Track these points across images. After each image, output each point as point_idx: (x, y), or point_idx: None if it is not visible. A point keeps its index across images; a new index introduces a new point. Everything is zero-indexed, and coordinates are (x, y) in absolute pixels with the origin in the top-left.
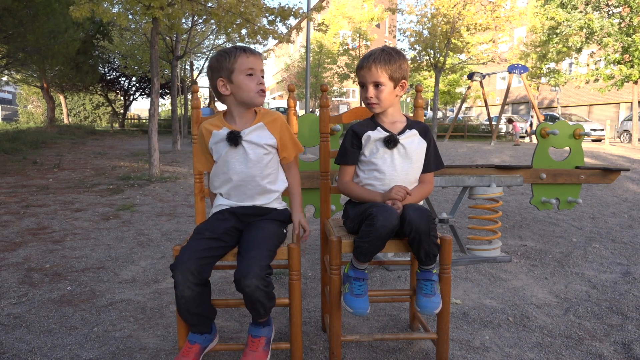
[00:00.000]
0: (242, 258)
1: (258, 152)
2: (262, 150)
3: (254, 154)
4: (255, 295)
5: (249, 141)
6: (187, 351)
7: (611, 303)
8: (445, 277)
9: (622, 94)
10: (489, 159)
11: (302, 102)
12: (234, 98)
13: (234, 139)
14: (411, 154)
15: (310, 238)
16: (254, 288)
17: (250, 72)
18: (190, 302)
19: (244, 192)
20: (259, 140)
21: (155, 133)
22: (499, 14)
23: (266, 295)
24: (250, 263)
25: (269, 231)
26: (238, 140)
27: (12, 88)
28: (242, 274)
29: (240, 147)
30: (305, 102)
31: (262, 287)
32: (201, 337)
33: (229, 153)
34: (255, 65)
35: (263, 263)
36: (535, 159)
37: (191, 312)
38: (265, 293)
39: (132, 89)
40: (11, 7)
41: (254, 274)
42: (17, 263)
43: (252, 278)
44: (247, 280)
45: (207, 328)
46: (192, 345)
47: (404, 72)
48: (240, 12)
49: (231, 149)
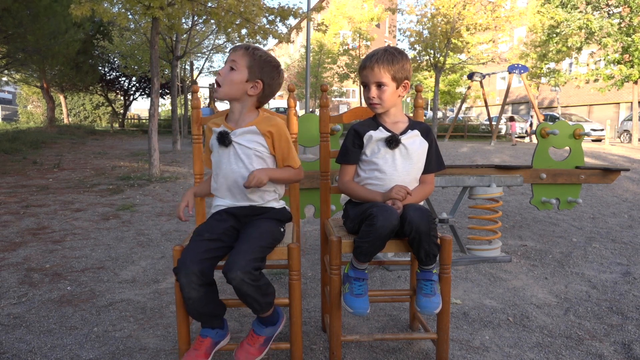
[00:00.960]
0: (231, 253)
1: (248, 153)
2: (251, 152)
3: (245, 155)
4: (243, 288)
5: (239, 143)
6: (199, 345)
7: (611, 303)
8: (445, 277)
9: (622, 94)
10: (489, 159)
11: (302, 102)
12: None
13: (222, 140)
14: (412, 155)
15: (311, 238)
16: (240, 281)
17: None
18: (197, 303)
19: (237, 192)
20: (247, 144)
21: (155, 133)
22: (499, 14)
23: (256, 290)
24: (237, 258)
25: (263, 228)
26: (225, 140)
27: (12, 88)
28: (229, 267)
29: (231, 147)
30: (305, 102)
31: (249, 280)
32: (212, 331)
33: (221, 153)
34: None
35: (250, 257)
36: (535, 159)
37: (200, 312)
38: (254, 287)
39: (132, 89)
40: (11, 7)
41: (238, 267)
42: (17, 263)
43: (236, 271)
44: (232, 273)
45: (218, 323)
46: (204, 339)
47: (406, 73)
48: (240, 12)
49: (222, 149)
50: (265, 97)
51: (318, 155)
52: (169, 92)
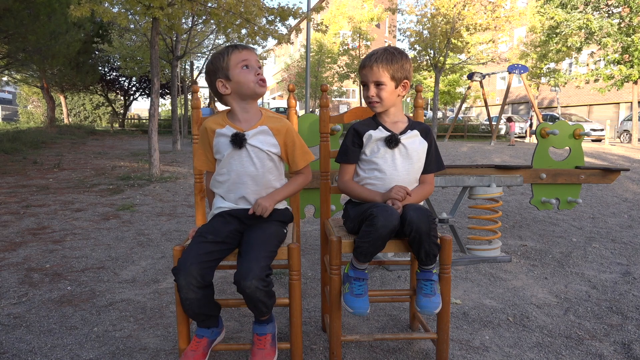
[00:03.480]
0: (242, 260)
1: (261, 157)
2: (265, 155)
3: (257, 158)
4: (256, 295)
5: (253, 145)
6: (196, 345)
7: (611, 303)
8: (445, 277)
9: (622, 94)
10: (489, 159)
11: (302, 102)
12: (236, 95)
13: (238, 142)
14: (412, 154)
15: (311, 238)
16: (254, 289)
17: (246, 64)
18: (195, 304)
19: (243, 194)
20: (262, 146)
21: (155, 133)
22: (499, 14)
23: (266, 294)
24: (250, 265)
25: (269, 232)
26: (242, 142)
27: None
28: (242, 275)
29: (244, 149)
30: (305, 102)
31: (262, 287)
32: (208, 331)
33: (232, 154)
34: (249, 57)
35: (263, 264)
36: (535, 159)
37: (196, 312)
38: (265, 292)
39: (132, 89)
40: (12, 7)
41: (253, 275)
42: (17, 263)
43: (251, 279)
44: (246, 282)
45: (214, 322)
46: (200, 339)
47: (406, 72)
48: (240, 12)
49: (234, 151)
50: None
51: (318, 155)
52: (169, 92)
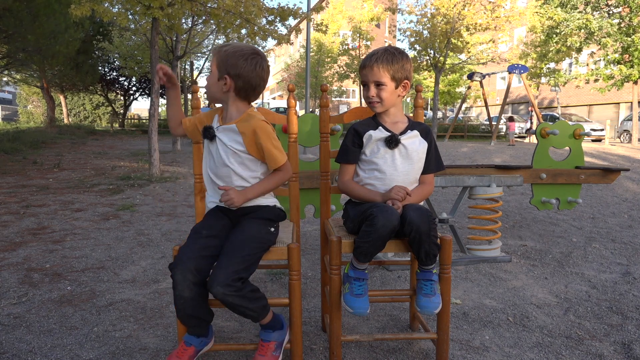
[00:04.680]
0: (214, 266)
1: (227, 151)
2: (229, 151)
3: (224, 152)
4: (227, 300)
5: (220, 140)
6: (182, 352)
7: (611, 303)
8: (445, 277)
9: (622, 94)
10: (489, 159)
11: (302, 102)
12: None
13: (205, 133)
14: (412, 155)
15: (311, 238)
16: (222, 295)
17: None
18: (189, 303)
19: (214, 188)
20: (227, 142)
21: (155, 133)
22: (499, 14)
23: (242, 299)
24: (216, 272)
25: (248, 233)
26: (207, 134)
27: (12, 88)
28: (209, 282)
29: (214, 143)
30: (305, 102)
31: (230, 292)
32: (197, 339)
33: (206, 148)
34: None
35: (231, 269)
36: (535, 159)
37: (189, 314)
38: (239, 297)
39: (132, 89)
40: (11, 7)
41: (218, 282)
42: (17, 263)
43: (217, 286)
44: (212, 290)
45: (204, 330)
46: (187, 347)
47: (406, 73)
48: (240, 13)
49: (208, 143)
50: (244, 90)
51: (318, 155)
52: None
